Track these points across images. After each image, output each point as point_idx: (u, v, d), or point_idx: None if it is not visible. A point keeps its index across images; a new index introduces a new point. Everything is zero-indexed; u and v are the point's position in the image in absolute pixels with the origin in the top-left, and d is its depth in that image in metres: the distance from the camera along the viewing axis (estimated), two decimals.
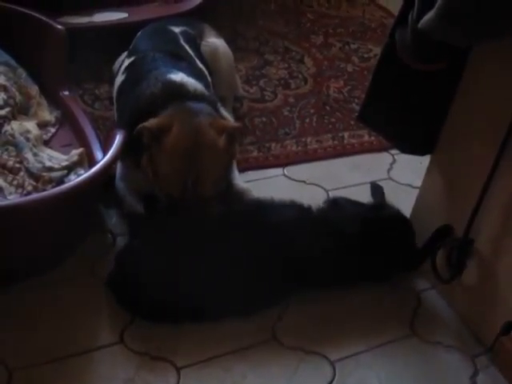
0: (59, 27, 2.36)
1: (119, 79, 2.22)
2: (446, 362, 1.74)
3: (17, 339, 1.65)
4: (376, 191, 2.25)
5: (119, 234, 1.98)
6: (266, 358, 1.69)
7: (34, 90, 2.27)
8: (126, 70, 2.21)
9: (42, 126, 2.19)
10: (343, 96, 2.82)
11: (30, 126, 2.11)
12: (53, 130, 2.22)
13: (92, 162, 1.95)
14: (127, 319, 1.73)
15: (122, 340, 1.68)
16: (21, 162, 1.96)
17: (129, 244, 1.87)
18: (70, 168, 1.96)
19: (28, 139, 2.03)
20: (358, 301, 1.87)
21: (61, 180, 1.92)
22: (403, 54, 1.62)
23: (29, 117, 2.20)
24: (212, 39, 2.49)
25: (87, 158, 2.00)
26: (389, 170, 2.41)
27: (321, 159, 2.44)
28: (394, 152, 2.45)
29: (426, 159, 1.94)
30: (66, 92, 2.32)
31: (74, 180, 1.78)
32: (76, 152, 2.00)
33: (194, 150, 1.82)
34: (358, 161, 2.45)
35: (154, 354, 1.66)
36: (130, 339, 1.69)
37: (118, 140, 1.90)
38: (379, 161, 2.47)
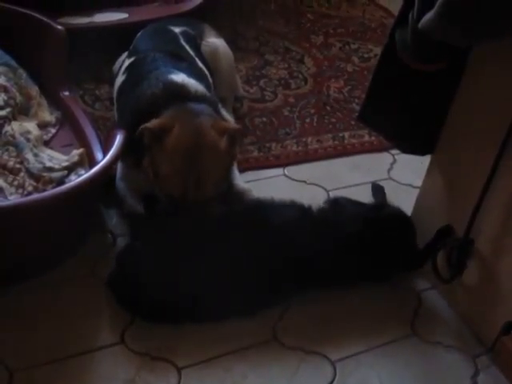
0: (59, 27, 2.36)
1: (119, 79, 2.22)
2: (446, 362, 1.74)
3: (17, 339, 1.65)
4: (377, 191, 2.25)
5: (119, 235, 1.98)
6: (266, 358, 1.69)
7: (34, 91, 2.27)
8: (126, 71, 2.21)
9: (43, 126, 2.19)
10: (343, 96, 2.82)
11: (31, 126, 2.11)
12: (53, 130, 2.22)
13: (92, 162, 1.95)
14: (128, 319, 1.73)
15: (122, 340, 1.68)
16: (21, 162, 1.96)
17: (129, 244, 1.87)
18: (71, 168, 1.96)
19: (28, 140, 2.03)
20: (358, 301, 1.87)
21: (61, 180, 1.92)
22: (403, 54, 1.62)
23: (29, 117, 2.20)
24: (212, 39, 2.49)
25: (87, 159, 2.00)
26: (389, 170, 2.41)
27: (321, 159, 2.44)
28: (394, 152, 2.45)
29: (426, 159, 1.94)
30: (66, 92, 2.32)
31: (75, 180, 1.78)
32: (76, 152, 2.00)
33: (195, 150, 1.82)
34: (358, 161, 2.45)
35: (154, 354, 1.66)
36: (131, 339, 1.69)
37: (118, 140, 1.90)
38: (379, 161, 2.47)
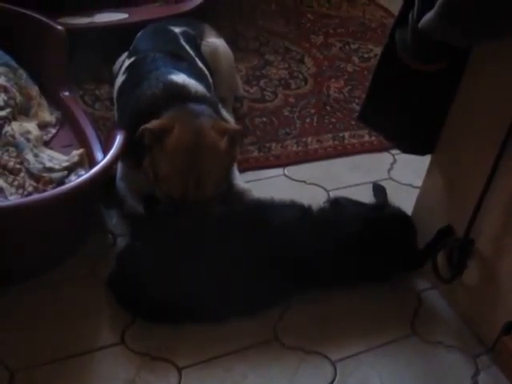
0: (59, 28, 2.37)
1: (120, 80, 2.22)
2: (447, 362, 1.74)
3: (17, 339, 1.65)
4: (378, 192, 2.25)
5: (120, 235, 1.98)
6: (266, 358, 1.69)
7: (34, 91, 2.27)
8: (126, 71, 2.21)
9: (43, 126, 2.19)
10: (343, 96, 2.81)
11: (31, 126, 2.11)
12: (53, 130, 2.22)
13: (92, 162, 1.95)
14: (128, 320, 1.73)
15: (122, 340, 1.68)
16: (21, 162, 1.96)
17: (129, 244, 1.87)
18: (71, 169, 1.96)
19: (28, 140, 2.03)
20: (358, 301, 1.87)
21: (61, 181, 1.92)
22: (403, 54, 1.62)
23: (29, 117, 2.20)
24: (212, 39, 2.49)
25: (88, 159, 2.00)
26: (389, 170, 2.41)
27: (321, 159, 2.44)
28: (394, 152, 2.45)
29: (426, 159, 1.94)
30: (66, 93, 2.32)
31: (75, 181, 1.78)
32: (76, 153, 2.00)
33: (195, 151, 1.82)
34: (358, 161, 2.45)
35: (154, 354, 1.66)
36: (131, 340, 1.69)
37: (118, 140, 1.90)
38: (380, 161, 2.47)
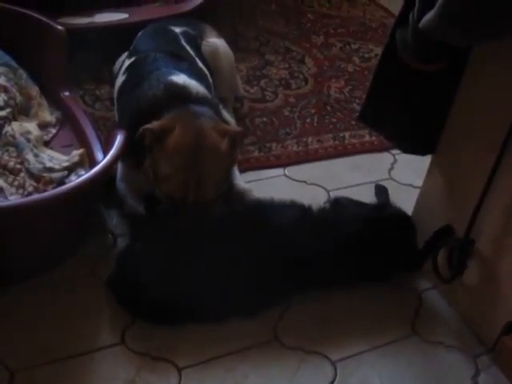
0: (59, 28, 2.36)
1: (120, 80, 2.22)
2: (447, 362, 1.74)
3: (17, 340, 1.65)
4: (380, 192, 2.25)
5: (120, 235, 1.98)
6: (267, 359, 1.69)
7: (34, 91, 2.27)
8: (126, 71, 2.20)
9: (43, 126, 2.19)
10: (344, 96, 2.81)
11: (31, 126, 2.11)
12: (53, 130, 2.22)
13: (93, 162, 1.95)
14: (128, 320, 1.73)
15: (122, 341, 1.68)
16: (21, 162, 1.96)
17: (130, 245, 1.86)
18: (71, 169, 1.96)
19: (29, 140, 2.03)
20: (358, 301, 1.87)
21: (61, 181, 1.92)
22: (404, 54, 1.62)
23: (29, 117, 2.20)
24: (213, 39, 2.49)
25: (88, 159, 2.00)
26: (390, 170, 2.41)
27: (322, 159, 2.44)
28: (395, 152, 2.45)
29: (427, 159, 1.94)
30: (66, 93, 2.32)
31: (75, 181, 1.78)
32: (77, 153, 2.00)
33: (196, 152, 1.82)
34: (358, 161, 2.45)
35: (155, 354, 1.66)
36: (131, 340, 1.69)
37: (118, 141, 1.90)
38: (380, 161, 2.46)
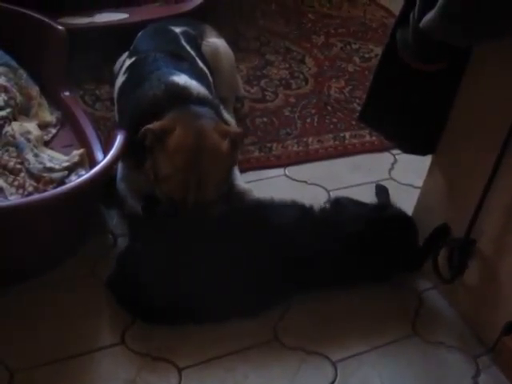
0: (60, 28, 2.36)
1: (120, 80, 2.22)
2: (447, 362, 1.74)
3: (17, 339, 1.65)
4: (381, 192, 2.25)
5: (120, 235, 1.98)
6: (267, 359, 1.69)
7: (34, 91, 2.27)
8: (127, 71, 2.20)
9: (43, 126, 2.19)
10: (344, 96, 2.81)
11: (31, 126, 2.11)
12: (53, 130, 2.22)
13: (93, 162, 1.95)
14: (128, 320, 1.73)
15: (123, 341, 1.68)
16: (21, 162, 1.96)
17: (130, 245, 1.86)
18: (71, 169, 1.96)
19: (29, 140, 2.03)
20: (358, 301, 1.87)
21: (61, 181, 1.92)
22: (404, 54, 1.62)
23: (29, 117, 2.20)
24: (213, 39, 2.49)
25: (88, 159, 2.00)
26: (390, 170, 2.41)
27: (322, 159, 2.44)
28: (395, 152, 2.45)
29: (427, 159, 1.94)
30: (66, 93, 2.32)
31: (75, 181, 1.78)
32: (77, 153, 2.00)
33: (196, 152, 1.82)
34: (359, 161, 2.45)
35: (155, 354, 1.66)
36: (131, 340, 1.68)
37: (118, 141, 1.90)
38: (380, 161, 2.46)
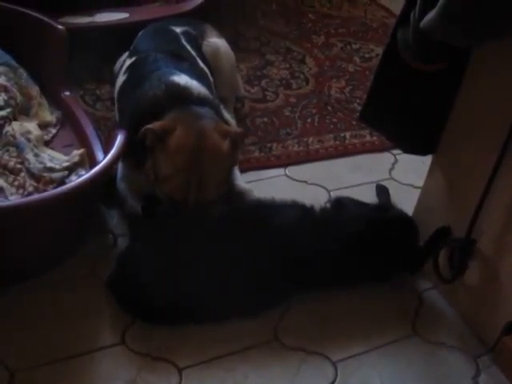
0: (60, 27, 2.36)
1: (120, 79, 2.22)
2: (448, 362, 1.74)
3: (17, 339, 1.65)
4: (381, 192, 2.25)
5: (120, 235, 1.98)
6: (267, 359, 1.69)
7: (34, 91, 2.27)
8: (127, 71, 2.20)
9: (43, 126, 2.19)
10: (345, 96, 2.81)
11: (31, 126, 2.11)
12: (54, 130, 2.22)
13: (93, 162, 1.95)
14: (128, 320, 1.73)
15: (123, 341, 1.68)
16: (22, 162, 1.96)
17: (130, 245, 1.86)
18: (71, 168, 1.96)
19: (29, 140, 2.03)
20: (358, 301, 1.86)
21: (62, 181, 1.92)
22: (405, 54, 1.62)
23: (30, 117, 2.20)
24: (213, 39, 2.48)
25: (88, 159, 2.00)
26: (390, 170, 2.41)
27: (322, 159, 2.44)
28: (395, 152, 2.45)
29: (427, 159, 1.94)
30: (66, 92, 2.32)
31: (75, 181, 1.78)
32: (77, 152, 2.00)
33: (197, 152, 1.82)
34: (359, 161, 2.45)
35: (155, 354, 1.66)
36: (132, 340, 1.68)
37: (119, 141, 1.90)
38: (381, 161, 2.46)
